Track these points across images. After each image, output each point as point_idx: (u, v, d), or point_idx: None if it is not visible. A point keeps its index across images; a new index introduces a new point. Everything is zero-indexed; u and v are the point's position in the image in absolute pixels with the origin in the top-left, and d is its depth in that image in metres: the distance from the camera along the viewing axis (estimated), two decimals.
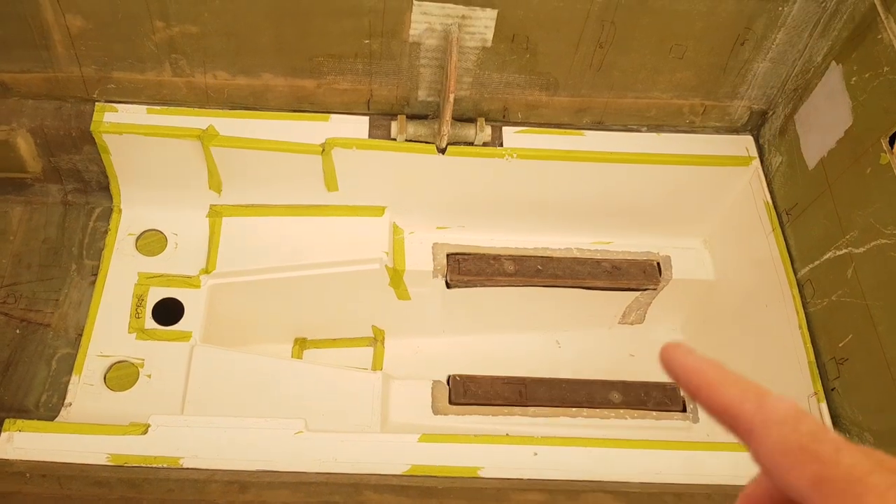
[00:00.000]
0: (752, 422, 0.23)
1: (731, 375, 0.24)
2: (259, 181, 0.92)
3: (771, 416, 0.23)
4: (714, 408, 0.24)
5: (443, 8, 0.81)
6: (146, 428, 0.76)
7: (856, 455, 0.21)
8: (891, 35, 0.74)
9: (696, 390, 0.25)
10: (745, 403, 0.23)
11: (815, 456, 0.21)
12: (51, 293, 0.90)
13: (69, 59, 0.85)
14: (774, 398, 0.23)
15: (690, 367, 0.25)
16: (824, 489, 0.21)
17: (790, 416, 0.22)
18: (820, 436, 0.22)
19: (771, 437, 0.22)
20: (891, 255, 0.74)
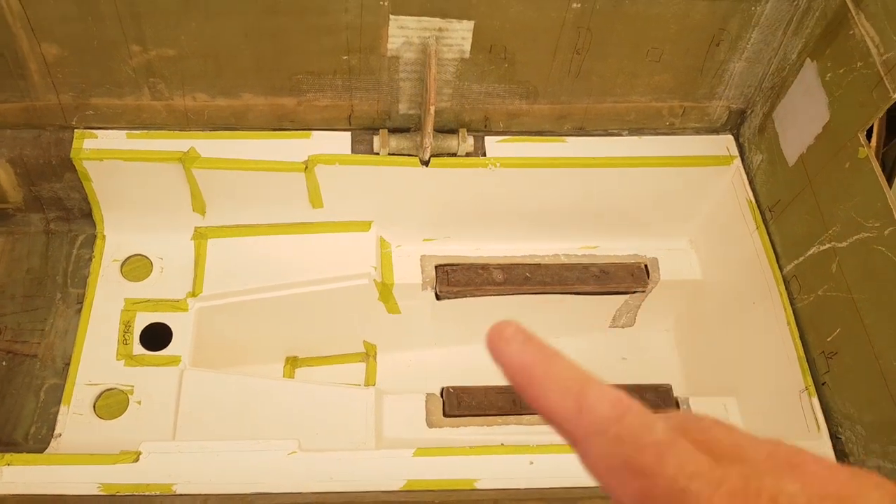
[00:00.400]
0: (574, 432, 0.21)
1: (556, 367, 0.21)
2: (243, 201, 0.92)
3: (590, 424, 0.20)
4: (539, 412, 0.21)
5: (419, 21, 0.81)
6: (137, 455, 0.75)
7: (680, 456, 0.19)
8: (862, 30, 0.75)
9: (521, 389, 0.22)
10: (564, 408, 0.21)
11: (638, 470, 0.19)
12: (36, 323, 0.89)
13: (46, 87, 0.84)
14: (594, 396, 0.21)
15: (512, 360, 0.22)
16: None
17: (611, 420, 0.20)
18: (643, 440, 0.20)
19: (592, 452, 0.20)
20: (873, 248, 0.74)
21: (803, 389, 0.82)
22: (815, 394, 0.82)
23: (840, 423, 0.80)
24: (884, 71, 0.72)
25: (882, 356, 0.74)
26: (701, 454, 0.20)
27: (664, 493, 0.19)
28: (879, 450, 0.75)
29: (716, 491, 0.19)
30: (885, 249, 0.73)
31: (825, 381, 0.82)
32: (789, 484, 0.19)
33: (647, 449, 0.20)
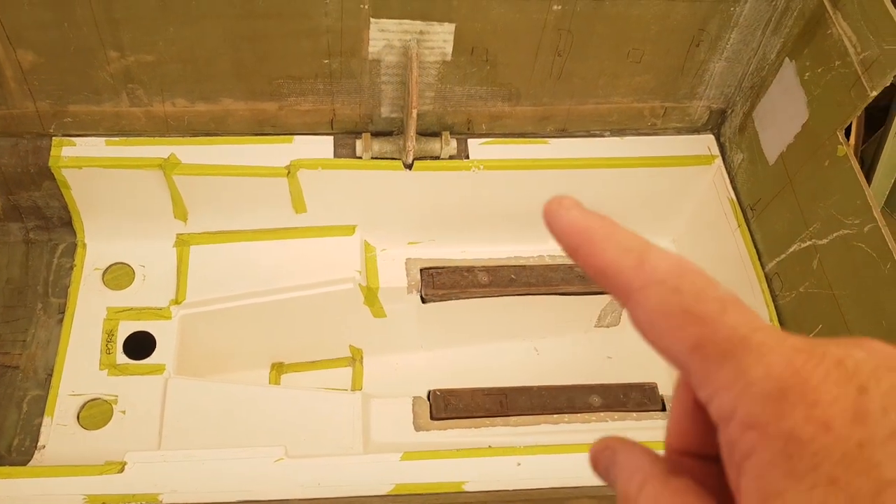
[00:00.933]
0: (630, 283, 0.20)
1: (618, 231, 0.21)
2: (225, 207, 0.91)
3: (651, 275, 0.20)
4: (592, 269, 0.21)
5: (400, 24, 0.81)
6: (122, 466, 0.75)
7: (744, 314, 0.19)
8: (839, 30, 0.76)
9: (574, 249, 0.21)
10: (623, 261, 0.20)
11: (697, 317, 0.19)
12: (17, 334, 0.88)
13: (23, 94, 0.83)
14: (657, 254, 0.20)
15: (572, 223, 0.21)
16: (703, 352, 0.19)
17: (672, 274, 0.20)
18: (705, 294, 0.19)
19: (649, 300, 0.20)
20: (853, 245, 0.75)
21: None
22: None
23: None
24: (861, 70, 0.73)
25: None
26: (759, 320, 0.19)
27: (724, 340, 0.19)
28: None
29: (780, 344, 0.18)
30: (865, 246, 0.74)
31: None
32: (856, 351, 0.18)
33: (709, 300, 0.19)
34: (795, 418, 0.17)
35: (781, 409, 0.18)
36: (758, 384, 0.18)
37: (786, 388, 0.18)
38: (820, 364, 0.18)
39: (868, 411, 0.17)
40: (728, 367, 0.18)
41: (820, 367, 0.18)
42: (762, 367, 0.18)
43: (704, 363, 0.19)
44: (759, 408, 0.18)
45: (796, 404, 0.17)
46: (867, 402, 0.17)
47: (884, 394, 0.17)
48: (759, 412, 0.18)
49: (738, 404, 0.18)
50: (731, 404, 0.18)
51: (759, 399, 0.18)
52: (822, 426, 0.17)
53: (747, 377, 0.18)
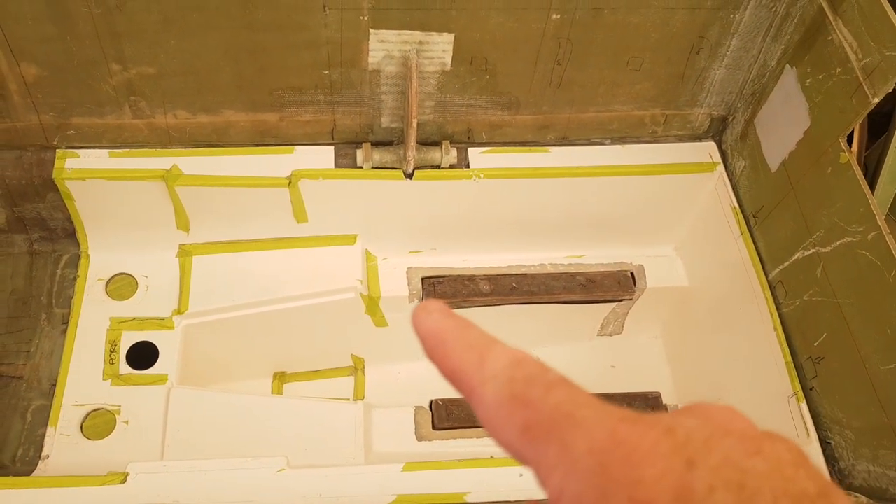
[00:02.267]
0: (472, 380, 0.20)
1: (468, 333, 0.21)
2: (227, 218, 0.92)
3: (489, 371, 0.20)
4: (444, 371, 0.21)
5: (399, 35, 0.81)
6: (125, 476, 0.75)
7: (570, 392, 0.18)
8: (840, 36, 0.75)
9: (431, 352, 0.22)
10: (467, 360, 0.20)
11: (524, 401, 0.19)
12: (21, 345, 0.89)
13: (26, 107, 0.84)
14: (498, 350, 0.20)
15: (430, 327, 0.22)
16: (531, 434, 0.18)
17: (508, 367, 0.20)
18: (535, 379, 0.19)
19: (486, 395, 0.19)
20: (857, 253, 0.75)
21: (791, 395, 0.82)
22: (803, 399, 0.82)
23: (829, 427, 0.80)
24: (863, 76, 0.73)
25: (868, 360, 0.74)
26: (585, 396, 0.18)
27: (548, 419, 0.18)
28: (869, 454, 0.75)
29: (607, 416, 0.17)
30: (869, 254, 0.73)
31: (813, 387, 0.82)
32: (688, 419, 0.17)
33: (536, 385, 0.19)
34: (618, 500, 0.16)
35: (605, 487, 0.16)
36: (581, 460, 0.17)
37: (608, 462, 0.16)
38: (647, 433, 0.17)
39: (693, 491, 0.16)
40: (553, 445, 0.18)
41: (647, 436, 0.16)
42: (586, 441, 0.17)
43: (532, 446, 0.18)
44: (583, 487, 0.17)
45: (620, 482, 0.16)
46: (693, 479, 0.16)
47: (713, 469, 0.16)
48: (583, 492, 0.16)
49: (564, 485, 0.17)
50: (558, 486, 0.17)
51: (583, 477, 0.17)
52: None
53: (571, 454, 0.17)
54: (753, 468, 0.16)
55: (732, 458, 0.16)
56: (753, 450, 0.17)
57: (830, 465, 0.78)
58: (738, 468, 0.16)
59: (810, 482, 0.17)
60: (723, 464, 0.16)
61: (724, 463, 0.16)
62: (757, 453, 0.17)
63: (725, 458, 0.16)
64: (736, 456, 0.16)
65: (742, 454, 0.16)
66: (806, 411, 0.81)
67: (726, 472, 0.16)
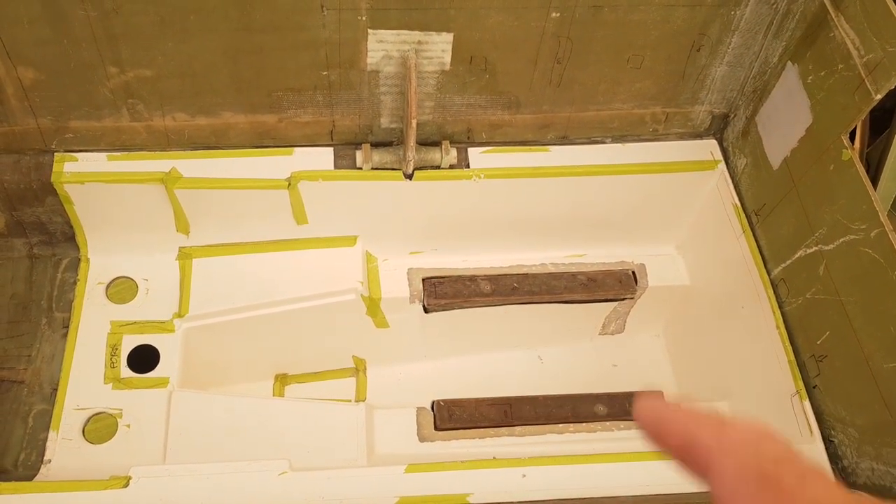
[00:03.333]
0: (710, 452, 0.21)
1: (698, 412, 0.22)
2: (227, 220, 0.92)
3: (730, 443, 0.20)
4: (675, 444, 0.21)
5: (398, 35, 0.81)
6: (127, 480, 0.75)
7: (826, 486, 0.18)
8: (842, 33, 0.75)
9: (657, 430, 0.22)
10: (702, 431, 0.21)
11: (776, 484, 0.19)
12: (22, 349, 0.89)
13: (24, 111, 0.84)
14: (736, 423, 0.21)
15: (655, 409, 0.22)
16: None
17: (751, 440, 0.20)
18: (784, 462, 0.19)
19: (729, 466, 0.20)
20: (860, 250, 0.74)
21: (794, 393, 0.82)
22: (806, 397, 0.81)
23: (832, 426, 0.79)
24: (865, 73, 0.72)
25: (872, 358, 0.73)
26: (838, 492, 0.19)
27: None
28: (872, 452, 0.74)
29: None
30: (872, 251, 0.73)
31: (816, 385, 0.82)
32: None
33: (788, 470, 0.19)
34: None
35: None
36: None
37: None
38: None
39: None
40: None
41: None
42: None
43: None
44: None
45: None
46: None
47: None
48: None
49: None
50: None
51: None
52: None
53: None
54: None
55: None
56: None
57: (834, 464, 0.78)
58: None
59: None
60: None
61: None
62: None
63: None
64: None
65: None
66: (809, 409, 0.80)
67: None
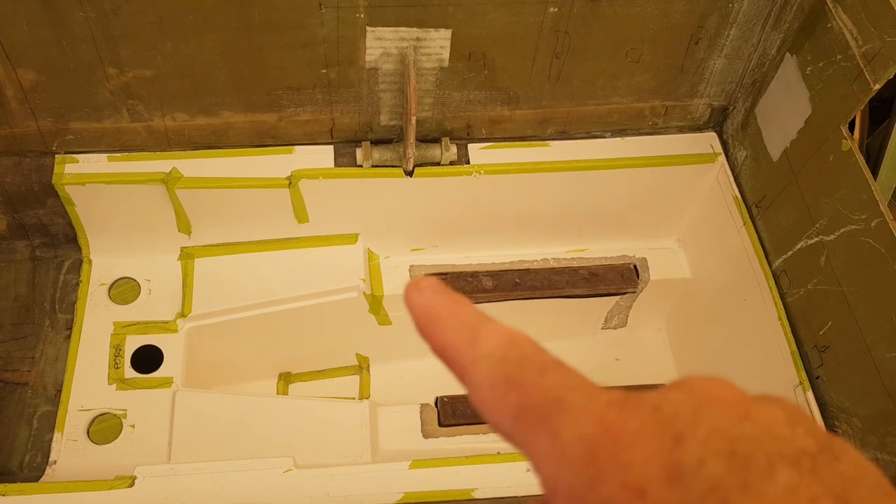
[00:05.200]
0: (464, 359, 0.20)
1: (461, 310, 0.21)
2: (228, 219, 0.92)
3: (482, 349, 0.19)
4: (436, 348, 0.21)
5: (396, 32, 0.81)
6: (132, 480, 0.75)
7: (564, 374, 0.18)
8: (840, 23, 0.75)
9: (423, 329, 0.21)
10: (459, 339, 0.20)
11: (516, 383, 0.18)
12: (26, 351, 0.89)
13: (24, 113, 0.84)
14: (491, 328, 0.20)
15: (421, 304, 0.21)
16: (523, 419, 0.18)
17: (501, 346, 0.19)
18: (528, 360, 0.19)
19: (478, 374, 0.19)
20: (861, 241, 0.74)
21: (798, 384, 0.82)
22: (809, 388, 0.81)
23: (836, 416, 0.79)
24: (863, 63, 0.72)
25: (874, 348, 0.73)
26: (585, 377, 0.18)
27: (539, 403, 0.17)
28: (876, 441, 0.75)
29: (594, 400, 0.17)
30: (873, 241, 0.73)
31: (819, 375, 0.82)
32: (674, 393, 0.17)
33: (530, 366, 0.18)
34: (609, 487, 0.15)
35: (595, 476, 0.16)
36: (571, 449, 0.16)
37: (596, 449, 0.16)
38: (635, 415, 0.16)
39: (683, 466, 0.15)
40: (544, 433, 0.17)
41: (634, 418, 0.16)
42: (575, 427, 0.16)
43: (525, 432, 0.18)
44: (574, 477, 0.16)
45: (609, 469, 0.16)
46: (682, 454, 0.15)
47: (701, 440, 0.15)
48: (575, 482, 0.16)
49: (557, 476, 0.17)
50: (552, 476, 0.17)
51: (574, 466, 0.16)
52: (635, 493, 0.15)
53: (561, 443, 0.17)
54: (743, 433, 0.16)
55: (721, 427, 0.16)
56: (742, 415, 0.16)
57: None
58: (728, 436, 0.16)
59: (809, 438, 0.16)
60: (711, 434, 0.16)
61: (712, 433, 0.16)
62: (746, 418, 0.16)
63: (713, 429, 0.16)
64: (724, 424, 0.16)
65: (730, 421, 0.16)
66: (812, 400, 0.80)
67: (715, 442, 0.15)
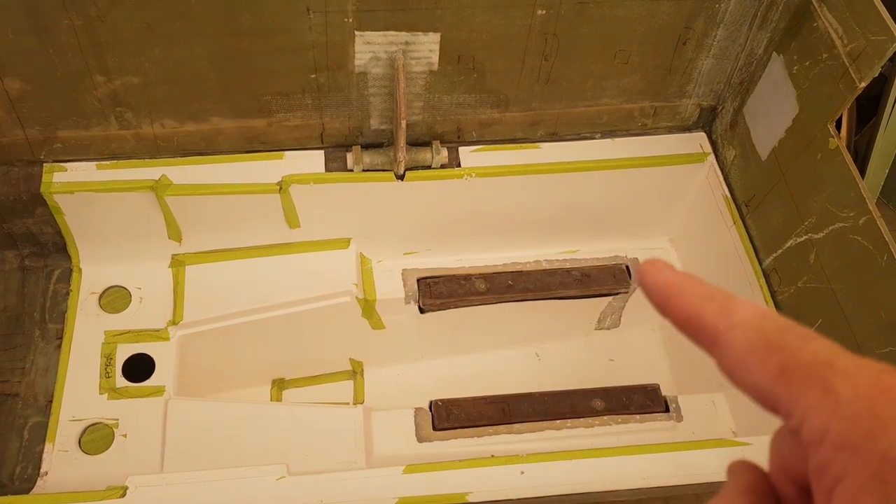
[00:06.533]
0: (716, 327, 0.21)
1: (703, 284, 0.22)
2: (219, 226, 0.91)
3: (734, 318, 0.21)
4: (679, 318, 0.22)
5: (385, 36, 0.81)
6: (124, 490, 0.74)
7: (826, 343, 0.20)
8: (825, 23, 0.75)
9: (664, 301, 0.23)
10: (707, 308, 0.21)
11: (780, 347, 0.20)
12: (16, 362, 0.88)
13: (11, 122, 0.83)
14: (740, 301, 0.22)
15: (662, 279, 0.23)
16: (788, 376, 0.19)
17: (756, 316, 0.21)
18: (786, 328, 0.20)
19: (734, 339, 0.21)
20: (849, 238, 0.75)
21: None
22: None
23: None
24: (849, 61, 0.73)
25: (864, 345, 0.74)
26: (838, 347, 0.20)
27: (808, 364, 0.19)
28: None
29: (866, 366, 0.18)
30: (861, 238, 0.74)
31: None
32: None
33: (790, 333, 0.20)
34: (890, 439, 0.17)
35: (873, 429, 0.17)
36: (847, 404, 0.18)
37: (877, 406, 0.17)
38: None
39: None
40: (815, 388, 0.19)
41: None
42: (850, 386, 0.18)
43: (790, 388, 0.19)
44: (849, 427, 0.18)
45: (889, 424, 0.17)
46: None
47: None
48: (849, 432, 0.18)
49: (828, 425, 0.18)
50: (821, 425, 0.18)
51: (849, 419, 0.18)
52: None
53: (836, 397, 0.18)
54: None
55: None
56: None
57: None
58: None
59: None
60: None
61: None
62: None
63: None
64: None
65: None
66: None
67: None
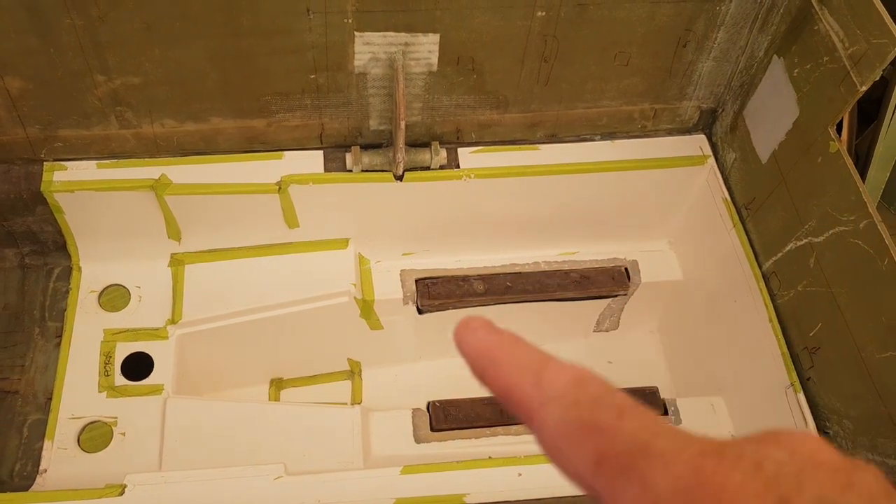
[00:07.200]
0: (530, 403, 0.19)
1: (519, 350, 0.20)
2: (218, 225, 0.92)
3: (549, 391, 0.19)
4: (498, 392, 0.20)
5: (384, 37, 0.81)
6: (122, 488, 0.75)
7: (643, 418, 0.18)
8: (826, 25, 0.75)
9: (481, 374, 0.20)
10: (522, 381, 0.19)
11: (594, 427, 0.18)
12: (16, 359, 0.89)
13: (12, 121, 0.84)
14: (555, 368, 0.19)
15: (476, 346, 0.20)
16: (605, 467, 0.17)
17: (570, 387, 0.19)
18: (602, 402, 0.18)
19: (548, 417, 0.18)
20: (849, 242, 0.74)
21: (789, 385, 0.82)
22: (800, 389, 0.81)
23: (827, 417, 0.79)
24: (850, 64, 0.72)
25: (864, 349, 0.74)
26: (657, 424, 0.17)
27: (624, 450, 0.17)
28: (867, 443, 0.75)
29: (685, 448, 0.16)
30: (861, 242, 0.73)
31: (810, 377, 0.82)
32: (774, 451, 0.16)
33: (606, 409, 0.18)
34: None
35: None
36: (665, 500, 0.16)
37: (695, 501, 0.15)
38: (734, 470, 0.16)
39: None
40: (633, 482, 0.17)
41: (734, 473, 0.16)
42: (668, 478, 0.16)
43: (608, 480, 0.17)
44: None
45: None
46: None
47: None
48: None
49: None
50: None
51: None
52: None
53: (653, 492, 0.16)
54: None
55: (826, 495, 0.15)
56: (845, 483, 0.16)
57: None
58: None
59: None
60: (817, 501, 0.15)
61: (818, 500, 0.15)
62: (849, 487, 0.16)
63: (819, 496, 0.15)
64: (829, 492, 0.15)
65: (835, 489, 0.16)
66: (804, 401, 0.80)
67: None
